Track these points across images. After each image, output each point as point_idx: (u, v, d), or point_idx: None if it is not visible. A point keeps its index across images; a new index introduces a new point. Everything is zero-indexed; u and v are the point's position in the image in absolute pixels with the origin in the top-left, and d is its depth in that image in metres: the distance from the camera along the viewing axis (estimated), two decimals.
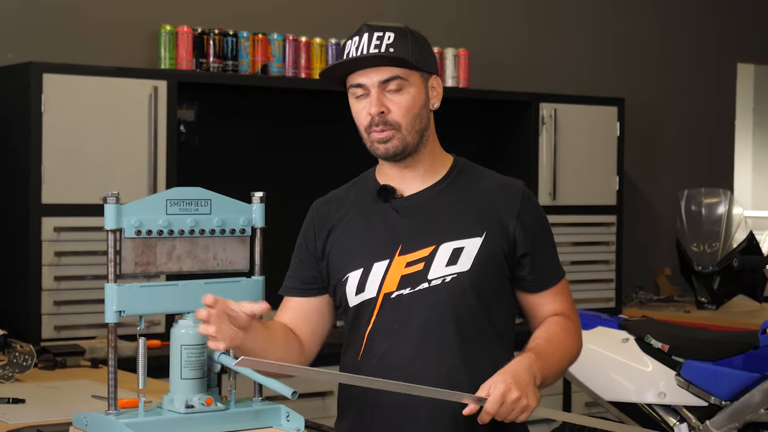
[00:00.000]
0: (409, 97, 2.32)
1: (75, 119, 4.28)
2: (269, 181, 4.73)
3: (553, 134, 5.45)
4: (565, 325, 2.38)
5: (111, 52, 4.79)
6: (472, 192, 2.38)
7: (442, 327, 2.29)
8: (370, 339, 2.32)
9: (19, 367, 3.36)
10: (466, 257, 2.30)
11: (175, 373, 2.42)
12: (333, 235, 2.40)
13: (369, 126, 2.33)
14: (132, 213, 2.40)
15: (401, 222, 2.34)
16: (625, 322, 4.02)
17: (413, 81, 2.33)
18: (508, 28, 6.02)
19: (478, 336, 2.27)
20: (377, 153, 2.35)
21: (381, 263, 2.32)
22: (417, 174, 2.38)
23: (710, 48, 6.81)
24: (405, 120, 2.31)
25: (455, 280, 2.29)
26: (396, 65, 2.31)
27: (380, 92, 2.31)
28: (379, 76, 2.31)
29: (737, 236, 5.85)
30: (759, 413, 3.63)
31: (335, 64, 2.33)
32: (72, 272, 4.26)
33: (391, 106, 2.31)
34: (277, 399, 2.59)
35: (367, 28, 2.33)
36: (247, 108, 5.11)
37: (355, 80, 2.33)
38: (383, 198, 2.37)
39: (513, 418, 2.17)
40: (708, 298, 5.78)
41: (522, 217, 2.36)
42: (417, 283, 2.30)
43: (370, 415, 2.33)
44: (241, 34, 4.80)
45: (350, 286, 2.34)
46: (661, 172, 6.55)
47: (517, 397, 2.14)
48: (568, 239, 5.50)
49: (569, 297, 2.44)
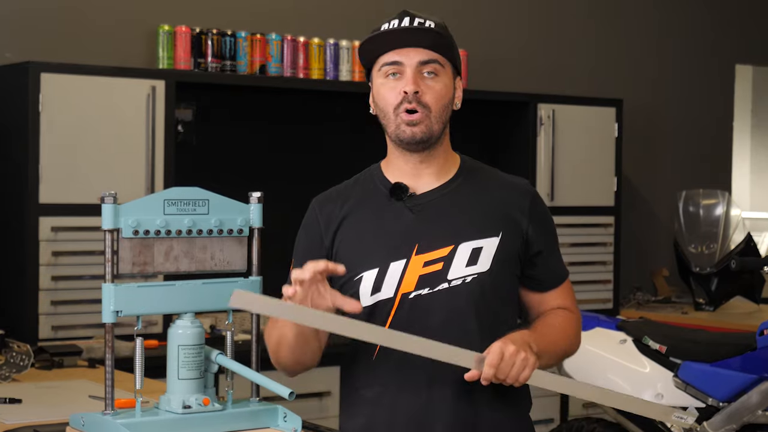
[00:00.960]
0: (443, 86, 2.31)
1: (73, 119, 4.28)
2: (267, 181, 4.73)
3: (551, 135, 5.45)
4: (567, 316, 2.38)
5: (109, 51, 4.79)
6: (482, 191, 2.37)
7: (463, 327, 2.27)
8: None
9: (16, 367, 3.35)
10: (486, 257, 2.29)
11: (172, 374, 2.42)
12: (341, 232, 2.36)
13: (400, 104, 2.29)
14: (129, 213, 2.40)
15: (416, 221, 2.31)
16: (623, 323, 4.02)
17: (447, 71, 2.33)
18: (506, 29, 6.02)
19: (495, 335, 2.25)
20: (404, 136, 2.30)
21: (398, 263, 2.29)
22: (431, 171, 2.36)
23: (708, 49, 6.81)
24: (436, 106, 2.30)
25: (476, 280, 2.28)
26: (437, 51, 2.29)
27: (418, 72, 2.29)
28: (419, 56, 2.29)
29: (735, 237, 5.85)
30: (756, 414, 3.63)
31: (379, 33, 2.29)
32: (69, 272, 4.25)
33: (425, 89, 2.29)
34: (275, 399, 2.59)
35: (407, 13, 2.31)
36: (245, 108, 5.11)
37: (391, 58, 2.29)
38: (396, 196, 2.34)
39: (515, 375, 2.14)
40: (706, 300, 5.78)
41: (533, 216, 2.36)
42: (436, 283, 2.28)
43: (385, 417, 2.31)
44: (240, 34, 4.79)
45: (365, 286, 2.30)
46: (659, 173, 6.56)
47: (515, 349, 2.13)
48: (565, 240, 5.49)
49: (573, 295, 2.45)
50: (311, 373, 2.46)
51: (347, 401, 2.39)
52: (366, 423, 2.32)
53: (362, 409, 2.34)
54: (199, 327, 2.45)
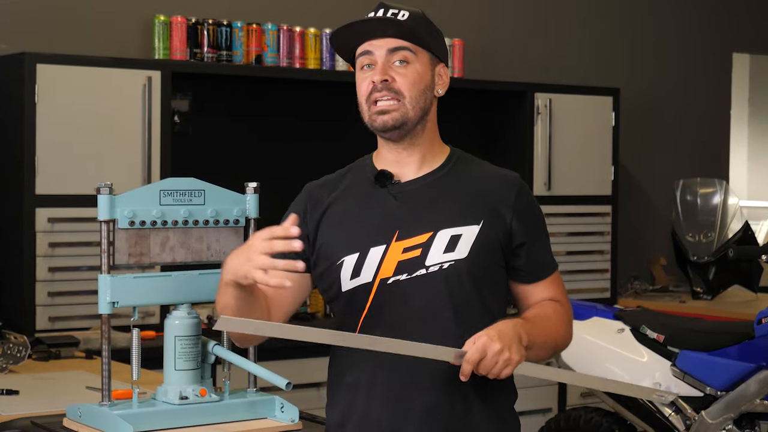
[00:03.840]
0: (415, 72, 2.31)
1: (69, 110, 4.27)
2: (263, 172, 4.72)
3: (548, 124, 5.44)
4: (557, 309, 2.38)
5: (105, 42, 4.77)
6: (468, 182, 2.37)
7: (439, 313, 2.28)
8: (365, 324, 2.30)
9: (13, 358, 3.35)
10: (464, 244, 2.29)
11: (169, 364, 2.42)
12: (326, 218, 2.36)
13: (370, 94, 2.30)
14: (125, 204, 2.40)
15: (398, 207, 2.33)
16: (621, 312, 4.02)
17: (421, 59, 2.32)
18: (503, 18, 6.01)
19: (474, 322, 2.25)
20: (375, 125, 2.31)
21: (378, 248, 2.30)
22: (414, 159, 2.36)
23: (705, 38, 6.80)
24: (410, 92, 2.30)
25: (452, 266, 2.28)
26: (405, 38, 2.30)
27: (387, 61, 2.30)
28: (388, 45, 2.30)
29: (732, 226, 5.86)
30: (754, 403, 3.64)
31: (346, 25, 2.31)
32: (66, 263, 4.25)
33: (396, 76, 2.29)
34: (272, 390, 2.59)
35: (383, 6, 2.33)
36: (241, 98, 5.10)
37: (363, 48, 2.31)
38: (380, 183, 2.35)
39: (496, 372, 2.14)
40: (703, 288, 5.78)
41: (517, 208, 2.35)
42: (414, 269, 2.28)
43: (364, 400, 2.30)
44: (236, 24, 4.78)
45: (345, 271, 2.31)
46: (656, 162, 6.55)
47: (499, 348, 2.13)
48: (563, 229, 5.49)
49: (562, 288, 2.44)
50: (308, 363, 2.46)
51: (331, 389, 2.39)
52: (346, 407, 2.32)
53: (344, 394, 2.34)
54: (195, 318, 2.45)
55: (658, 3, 6.62)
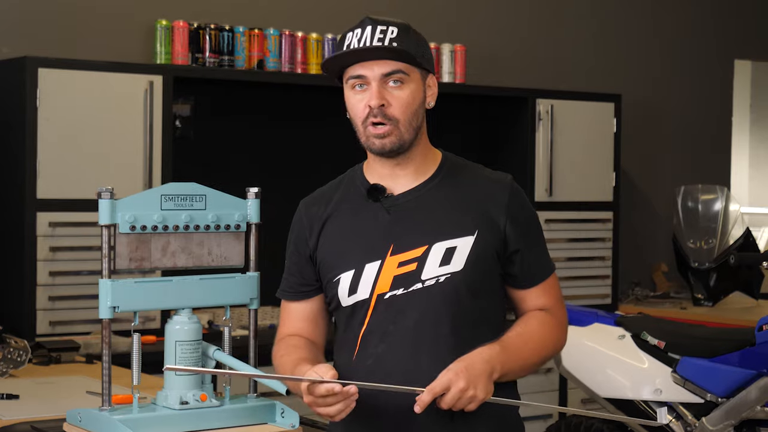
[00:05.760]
0: (409, 93, 2.31)
1: (70, 114, 4.27)
2: (265, 177, 4.72)
3: (549, 130, 5.44)
4: (544, 320, 2.37)
5: (107, 46, 4.78)
6: (461, 189, 2.37)
7: (436, 327, 2.28)
8: (364, 340, 2.31)
9: (14, 363, 3.35)
10: (459, 257, 2.29)
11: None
12: (323, 235, 2.38)
13: (366, 118, 2.30)
14: (126, 208, 2.39)
15: (392, 221, 2.33)
16: (622, 318, 4.01)
17: (413, 77, 2.33)
18: (505, 24, 6.01)
19: (472, 335, 2.26)
20: (373, 148, 2.33)
21: (373, 264, 2.31)
22: (408, 172, 2.37)
23: (707, 44, 6.80)
24: (404, 115, 2.30)
25: (449, 280, 2.28)
26: (399, 59, 2.29)
27: (381, 85, 2.29)
28: (382, 69, 2.29)
29: (734, 233, 5.85)
30: (755, 410, 3.63)
31: (340, 54, 2.31)
32: (67, 267, 4.25)
33: (391, 100, 2.29)
34: (272, 395, 2.59)
35: (371, 21, 2.32)
36: (243, 103, 5.10)
37: (356, 72, 2.30)
38: (373, 197, 2.35)
39: (459, 407, 2.16)
40: (704, 295, 5.78)
41: (511, 212, 2.35)
42: (410, 283, 2.29)
43: (369, 415, 2.30)
44: (237, 29, 4.79)
45: (342, 288, 2.33)
46: (657, 168, 6.55)
47: (463, 387, 2.14)
48: (564, 235, 5.49)
49: (557, 292, 2.43)
50: None
51: None
52: (352, 414, 2.32)
53: None
54: (196, 323, 2.44)
55: (660, 10, 6.62)
